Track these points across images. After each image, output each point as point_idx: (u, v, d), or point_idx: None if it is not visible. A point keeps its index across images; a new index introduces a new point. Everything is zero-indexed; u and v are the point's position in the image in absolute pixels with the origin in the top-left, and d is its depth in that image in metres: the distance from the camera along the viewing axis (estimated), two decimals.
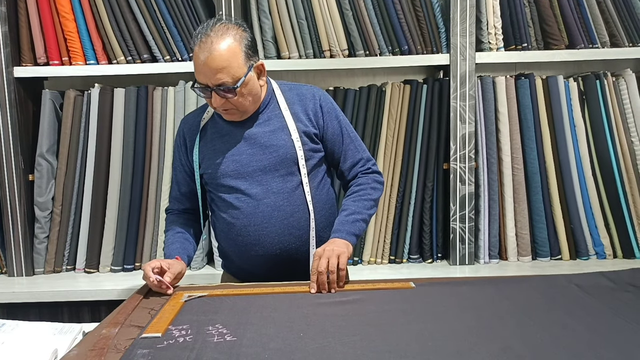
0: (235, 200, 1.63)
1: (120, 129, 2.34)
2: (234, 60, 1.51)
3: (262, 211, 1.61)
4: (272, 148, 1.62)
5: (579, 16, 2.31)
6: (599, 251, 2.36)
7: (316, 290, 1.45)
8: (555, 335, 1.13)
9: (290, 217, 1.62)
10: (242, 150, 1.63)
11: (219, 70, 1.49)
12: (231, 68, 1.50)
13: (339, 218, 1.63)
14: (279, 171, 1.62)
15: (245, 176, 1.62)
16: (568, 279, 1.48)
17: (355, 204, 1.64)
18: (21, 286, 2.24)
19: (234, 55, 1.51)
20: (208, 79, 1.51)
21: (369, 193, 1.67)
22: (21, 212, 2.32)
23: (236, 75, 1.51)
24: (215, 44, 1.49)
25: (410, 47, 2.31)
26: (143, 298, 1.44)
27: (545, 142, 2.33)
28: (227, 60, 1.50)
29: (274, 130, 1.64)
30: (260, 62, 1.60)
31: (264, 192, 1.61)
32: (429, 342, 1.11)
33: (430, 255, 2.39)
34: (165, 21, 2.29)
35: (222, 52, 1.49)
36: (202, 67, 1.50)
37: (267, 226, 1.61)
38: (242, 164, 1.62)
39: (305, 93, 1.70)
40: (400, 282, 1.51)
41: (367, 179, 1.70)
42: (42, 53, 2.31)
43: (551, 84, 2.32)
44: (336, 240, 1.55)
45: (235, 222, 1.63)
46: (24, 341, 1.23)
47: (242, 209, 1.62)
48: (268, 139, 1.63)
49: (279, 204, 1.61)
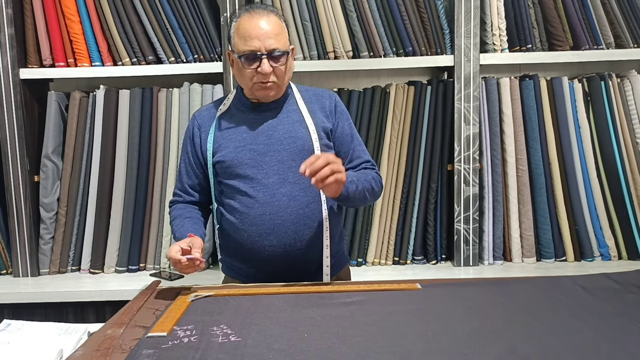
0: (250, 189, 1.62)
1: (125, 130, 2.35)
2: (283, 32, 1.61)
3: (277, 200, 1.61)
4: (291, 139, 1.64)
5: (583, 17, 2.30)
6: (603, 252, 2.35)
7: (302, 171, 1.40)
8: (560, 336, 1.13)
9: (305, 208, 1.63)
10: (260, 140, 1.64)
11: (276, 34, 1.57)
12: (282, 37, 1.59)
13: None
14: (296, 162, 1.60)
15: (262, 165, 1.63)
16: (573, 280, 1.48)
17: (356, 175, 1.63)
18: (26, 286, 2.25)
19: (282, 28, 1.62)
20: (262, 43, 1.55)
21: (370, 181, 1.65)
22: (27, 213, 2.34)
23: (285, 45, 1.61)
24: (267, 15, 1.59)
25: (415, 49, 2.31)
26: (148, 298, 1.44)
27: (550, 143, 2.32)
28: (280, 29, 1.60)
29: (292, 123, 1.66)
30: (292, 47, 1.67)
31: (280, 182, 1.62)
32: (434, 343, 1.11)
33: (435, 257, 2.39)
34: (170, 23, 2.29)
35: (275, 22, 1.59)
36: (258, 30, 1.56)
37: (283, 215, 1.61)
38: (259, 152, 1.63)
39: (321, 94, 1.76)
40: (406, 283, 1.51)
41: (371, 172, 1.71)
42: (48, 55, 2.32)
43: (556, 85, 2.32)
44: None
45: (250, 212, 1.62)
46: (30, 341, 1.24)
47: (257, 197, 1.62)
48: (287, 130, 1.65)
49: (294, 194, 1.62)
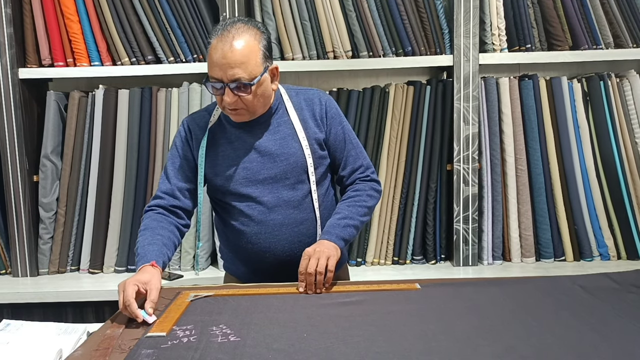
0: (246, 207, 1.62)
1: (125, 130, 2.35)
2: (252, 58, 1.48)
3: (272, 219, 1.61)
4: (283, 156, 1.61)
5: (582, 17, 2.30)
6: (602, 252, 2.35)
7: (303, 290, 1.45)
8: (559, 336, 1.13)
9: (300, 225, 1.63)
10: (252, 158, 1.61)
11: (238, 64, 1.46)
12: (249, 65, 1.48)
13: (331, 220, 1.60)
14: (289, 179, 1.61)
15: (257, 184, 1.61)
16: (572, 280, 1.48)
17: (348, 209, 1.62)
18: (25, 286, 2.25)
19: (253, 52, 1.49)
20: (224, 73, 1.47)
21: (364, 200, 1.65)
22: (26, 213, 2.33)
23: (253, 73, 1.49)
24: (236, 39, 1.47)
25: (414, 48, 2.31)
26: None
27: (549, 143, 2.32)
28: (246, 56, 1.47)
29: (284, 137, 1.62)
30: (275, 66, 1.58)
31: (275, 201, 1.61)
32: (433, 342, 1.12)
33: (434, 257, 2.39)
34: (169, 23, 2.29)
35: (242, 47, 1.47)
36: (220, 59, 1.46)
37: (278, 234, 1.61)
38: (252, 171, 1.61)
39: (312, 97, 1.68)
40: (405, 283, 1.51)
41: (364, 185, 1.69)
42: (47, 54, 2.32)
43: (555, 85, 2.32)
44: (325, 242, 1.53)
45: (246, 230, 1.63)
46: (29, 341, 1.24)
47: (253, 216, 1.61)
48: (279, 146, 1.61)
49: (289, 212, 1.61)
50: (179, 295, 1.44)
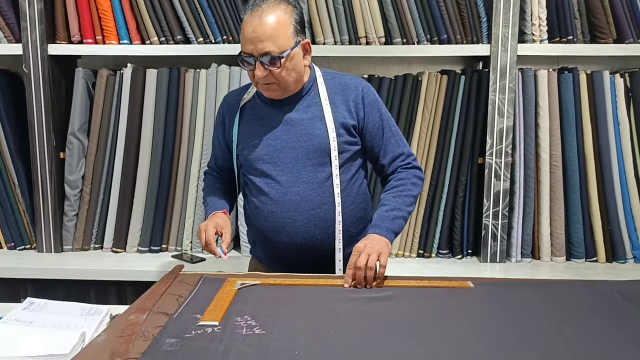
0: (264, 185, 1.61)
1: (152, 110, 2.33)
2: (282, 31, 1.49)
3: (289, 199, 1.59)
4: (307, 136, 1.59)
5: (629, 9, 2.20)
6: (637, 255, 2.27)
7: (349, 285, 1.41)
8: (596, 345, 1.08)
9: (317, 208, 1.59)
10: (277, 135, 1.61)
11: (267, 38, 1.47)
12: (278, 38, 1.49)
13: (378, 213, 1.58)
14: (311, 160, 1.59)
15: (277, 162, 1.60)
16: (610, 286, 1.41)
17: (395, 200, 1.60)
18: (50, 262, 2.27)
19: (282, 25, 1.49)
20: (254, 47, 1.48)
21: (409, 189, 1.62)
22: (52, 189, 2.34)
23: (283, 46, 1.49)
24: (266, 13, 1.48)
25: (450, 36, 2.24)
26: (171, 284, 1.42)
27: (587, 139, 2.24)
28: (276, 29, 1.48)
29: (312, 119, 1.60)
30: (307, 40, 1.58)
31: (294, 180, 1.59)
32: (463, 345, 1.07)
33: (460, 251, 2.34)
34: (199, 2, 2.25)
35: (272, 21, 1.48)
36: (251, 34, 1.48)
37: (294, 215, 1.59)
38: (275, 148, 1.60)
39: (348, 83, 1.65)
40: (457, 280, 1.45)
41: (407, 173, 1.65)
42: (77, 31, 2.30)
43: (596, 79, 2.23)
44: (375, 237, 1.50)
45: (263, 207, 1.62)
46: (52, 322, 1.22)
47: (270, 194, 1.60)
48: (305, 126, 1.60)
49: (307, 193, 1.59)
50: (226, 283, 1.41)
